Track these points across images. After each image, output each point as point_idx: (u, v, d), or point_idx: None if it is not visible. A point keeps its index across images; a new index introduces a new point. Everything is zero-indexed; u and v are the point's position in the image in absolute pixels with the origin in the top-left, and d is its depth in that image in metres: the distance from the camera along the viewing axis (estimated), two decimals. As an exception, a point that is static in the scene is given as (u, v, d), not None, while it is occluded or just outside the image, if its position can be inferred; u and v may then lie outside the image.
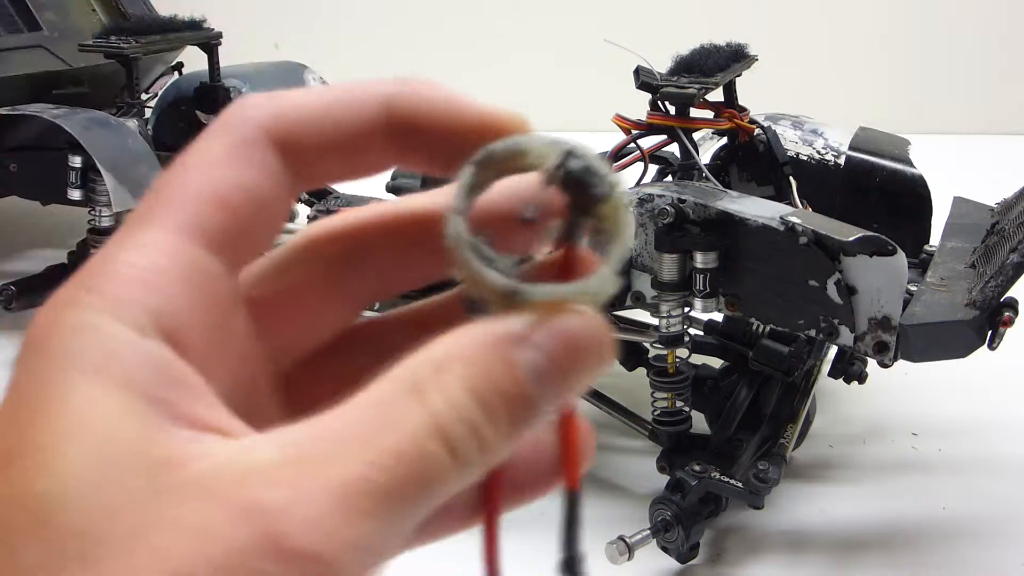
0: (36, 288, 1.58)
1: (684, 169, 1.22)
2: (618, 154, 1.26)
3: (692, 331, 1.14)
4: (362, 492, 0.23)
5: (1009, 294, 0.96)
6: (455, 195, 0.26)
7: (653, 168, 1.35)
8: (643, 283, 1.08)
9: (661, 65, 1.24)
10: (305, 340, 0.31)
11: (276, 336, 0.30)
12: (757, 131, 1.32)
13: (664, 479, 1.08)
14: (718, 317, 1.21)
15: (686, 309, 1.07)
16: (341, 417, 0.24)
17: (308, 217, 1.47)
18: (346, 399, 0.25)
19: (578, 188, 0.26)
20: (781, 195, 1.29)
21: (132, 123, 1.64)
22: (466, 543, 0.30)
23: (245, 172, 0.27)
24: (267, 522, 0.22)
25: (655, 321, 1.10)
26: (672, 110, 1.21)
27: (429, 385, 0.24)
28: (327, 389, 0.31)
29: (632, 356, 1.27)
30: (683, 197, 1.03)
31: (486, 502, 0.28)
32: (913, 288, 1.05)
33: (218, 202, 0.26)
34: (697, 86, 1.19)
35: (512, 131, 0.28)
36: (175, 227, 0.26)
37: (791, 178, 1.29)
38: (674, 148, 1.26)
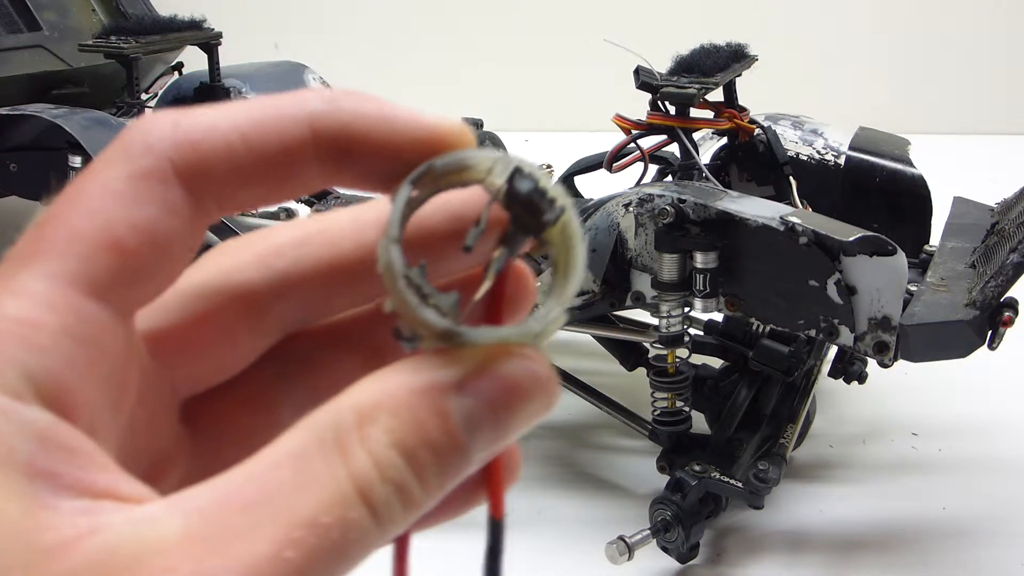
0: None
1: (684, 169, 1.22)
2: (618, 154, 1.26)
3: (692, 331, 1.14)
4: (274, 572, 0.21)
5: (1009, 294, 0.96)
6: (389, 220, 0.24)
7: (653, 168, 1.35)
8: (643, 283, 1.08)
9: (661, 65, 1.24)
10: (216, 370, 0.28)
11: (182, 370, 0.28)
12: (757, 131, 1.32)
13: (664, 479, 1.07)
14: (718, 317, 1.21)
15: (686, 309, 1.07)
16: (253, 478, 0.22)
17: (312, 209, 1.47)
18: (260, 433, 0.23)
19: (525, 210, 0.24)
20: (781, 195, 1.29)
21: (132, 123, 1.64)
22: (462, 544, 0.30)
23: (143, 210, 0.24)
24: None
25: (655, 321, 1.10)
26: (672, 110, 1.21)
27: (352, 440, 0.22)
28: (233, 413, 0.29)
29: (632, 356, 1.27)
30: (683, 197, 1.03)
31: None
32: (913, 288, 1.05)
33: (109, 245, 0.24)
34: (697, 86, 1.19)
35: (453, 144, 0.26)
36: (56, 273, 0.23)
37: (791, 178, 1.29)
38: (674, 148, 1.26)
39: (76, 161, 1.54)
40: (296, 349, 0.29)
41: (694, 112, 1.22)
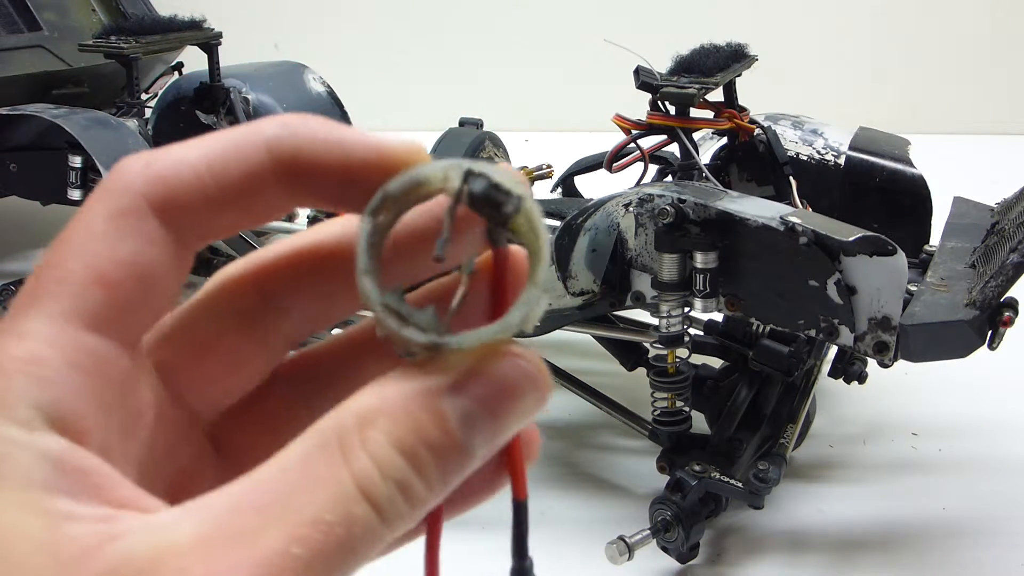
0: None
1: (684, 169, 1.22)
2: (618, 154, 1.26)
3: (692, 331, 1.14)
4: (283, 568, 0.22)
5: (1009, 294, 0.96)
6: (359, 253, 0.25)
7: (653, 168, 1.35)
8: (643, 283, 1.08)
9: (661, 65, 1.24)
10: (228, 392, 0.30)
11: (196, 394, 0.29)
12: (757, 131, 1.32)
13: (664, 479, 1.07)
14: (718, 317, 1.21)
15: (686, 309, 1.07)
16: (260, 483, 0.23)
17: (308, 218, 1.47)
18: (269, 455, 0.24)
19: (488, 206, 0.25)
20: (781, 195, 1.29)
21: (132, 123, 1.64)
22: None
23: (124, 245, 0.26)
24: None
25: (655, 321, 1.10)
26: (672, 110, 1.21)
27: (353, 442, 0.23)
28: (257, 433, 0.31)
29: (632, 356, 1.27)
30: (683, 197, 1.03)
31: (431, 522, 0.27)
32: (913, 288, 1.05)
33: (96, 280, 0.25)
34: (697, 86, 1.19)
35: (405, 163, 0.27)
36: (54, 313, 0.25)
37: (791, 178, 1.29)
38: (674, 148, 1.26)
39: (76, 161, 1.55)
40: (314, 369, 0.31)
41: (694, 112, 1.22)
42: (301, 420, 0.30)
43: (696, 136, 1.27)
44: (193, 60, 1.86)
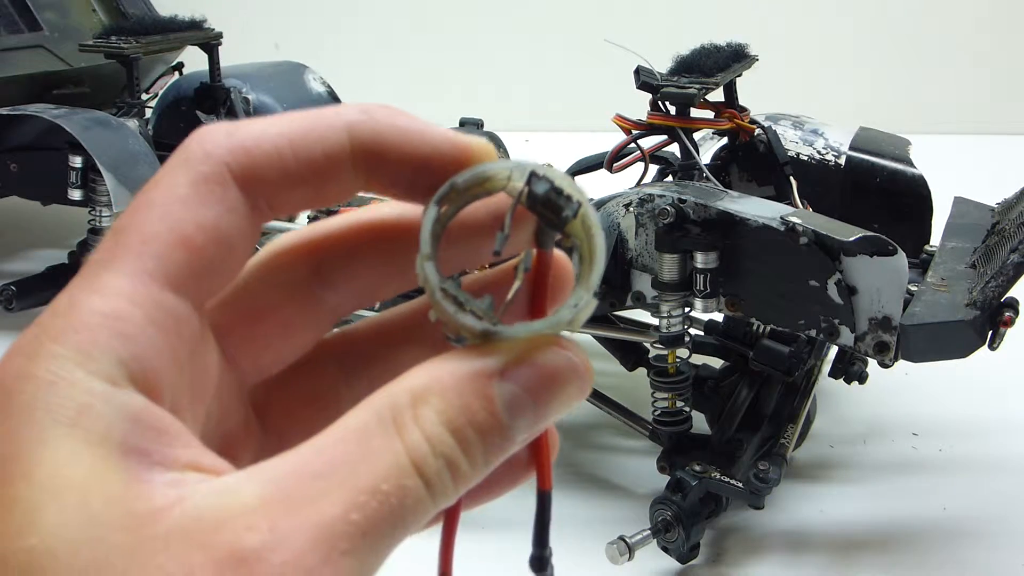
0: (36, 288, 1.58)
1: (684, 169, 1.22)
2: (618, 154, 1.26)
3: (692, 331, 1.14)
4: (342, 532, 0.23)
5: (1009, 294, 0.96)
6: (422, 238, 0.26)
7: (653, 168, 1.35)
8: (643, 283, 1.08)
9: (661, 65, 1.23)
10: (277, 360, 0.31)
11: (247, 360, 0.31)
12: (757, 131, 1.32)
13: (664, 479, 1.07)
14: (718, 317, 1.21)
15: (686, 309, 1.07)
16: (321, 451, 0.24)
17: (308, 217, 1.47)
18: (325, 425, 0.25)
19: (546, 208, 0.26)
20: (781, 195, 1.29)
21: (132, 123, 1.64)
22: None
23: (207, 210, 0.27)
24: (247, 567, 0.22)
25: (655, 321, 1.10)
26: (672, 110, 1.21)
27: (407, 418, 0.25)
28: (300, 406, 0.32)
29: (632, 356, 1.27)
30: (684, 197, 1.03)
31: (448, 511, 0.28)
32: (913, 288, 1.05)
33: (180, 243, 0.26)
34: (697, 86, 1.19)
35: (477, 158, 0.28)
36: (138, 271, 0.26)
37: (791, 178, 1.29)
38: (674, 148, 1.25)
39: (76, 161, 1.54)
40: (358, 348, 0.33)
41: (694, 112, 1.22)
42: (341, 396, 0.32)
43: (696, 136, 1.27)
44: (193, 60, 1.86)
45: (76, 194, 1.55)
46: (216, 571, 0.22)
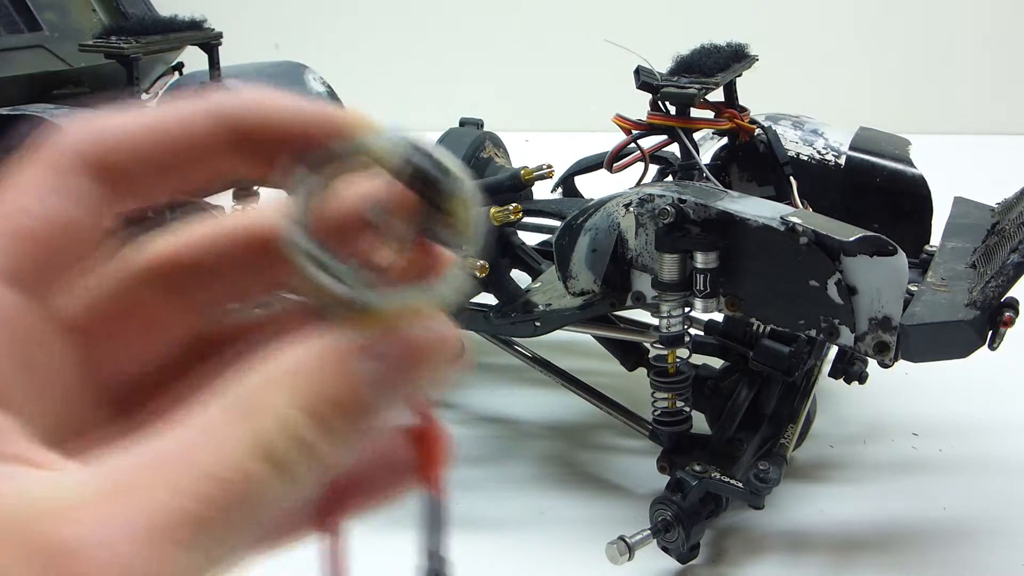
0: None
1: (684, 169, 1.22)
2: (618, 154, 1.26)
3: (692, 331, 1.14)
4: (176, 523, 0.22)
5: (1009, 294, 0.96)
6: (289, 199, 0.25)
7: (653, 168, 1.35)
8: (643, 283, 1.08)
9: (661, 65, 1.23)
10: (141, 357, 0.30)
11: (107, 357, 0.29)
12: (757, 131, 1.32)
13: (664, 479, 1.07)
14: (718, 317, 1.21)
15: (686, 309, 1.07)
16: (163, 440, 0.23)
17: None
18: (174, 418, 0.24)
19: (425, 185, 0.25)
20: (781, 195, 1.29)
21: (132, 123, 1.64)
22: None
23: (52, 202, 0.26)
24: (62, 560, 0.21)
25: (655, 321, 1.10)
26: (672, 110, 1.21)
27: (257, 402, 0.23)
28: (171, 406, 0.30)
29: (632, 356, 1.27)
30: (683, 197, 1.03)
31: (326, 512, 0.27)
32: (913, 288, 1.05)
33: (18, 234, 0.25)
34: (697, 86, 1.19)
35: (353, 132, 0.27)
36: None
37: (791, 178, 1.29)
38: (674, 148, 1.25)
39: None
40: (233, 345, 0.31)
41: (694, 112, 1.22)
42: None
43: (696, 136, 1.27)
44: (193, 60, 1.86)
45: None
46: (26, 565, 0.21)
